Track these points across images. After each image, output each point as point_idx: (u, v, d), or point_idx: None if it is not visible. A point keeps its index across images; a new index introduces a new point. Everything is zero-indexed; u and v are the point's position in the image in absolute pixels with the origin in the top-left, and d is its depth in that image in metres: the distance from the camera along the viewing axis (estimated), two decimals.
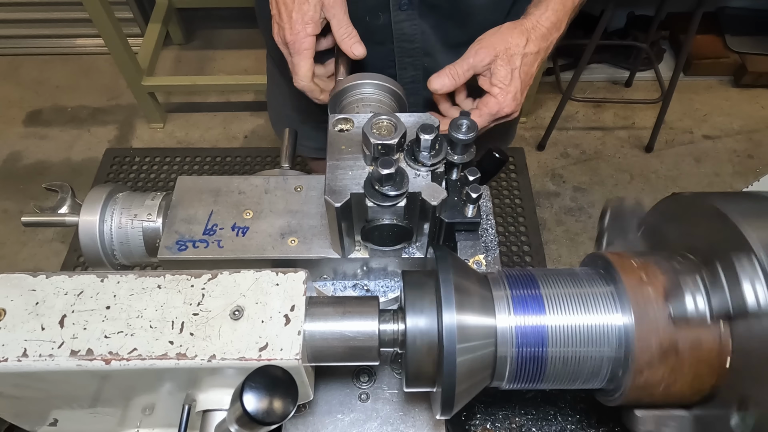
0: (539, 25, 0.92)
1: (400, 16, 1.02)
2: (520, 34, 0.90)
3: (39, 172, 2.84)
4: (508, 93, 0.89)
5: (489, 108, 0.90)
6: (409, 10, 1.01)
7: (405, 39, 1.06)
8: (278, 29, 0.89)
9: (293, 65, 0.90)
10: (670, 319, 0.53)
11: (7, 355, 0.53)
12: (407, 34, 1.05)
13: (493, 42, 0.90)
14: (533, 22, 0.92)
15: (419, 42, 1.06)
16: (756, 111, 3.12)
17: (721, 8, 3.24)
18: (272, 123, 1.53)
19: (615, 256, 0.59)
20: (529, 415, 0.79)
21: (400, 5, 1.00)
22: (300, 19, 0.85)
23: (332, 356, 0.58)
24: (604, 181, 2.84)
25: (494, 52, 0.89)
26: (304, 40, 0.86)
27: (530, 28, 0.91)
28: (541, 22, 0.92)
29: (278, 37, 0.90)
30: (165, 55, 3.32)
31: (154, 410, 0.65)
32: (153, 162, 2.82)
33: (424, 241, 0.71)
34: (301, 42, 0.86)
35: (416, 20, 1.03)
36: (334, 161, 0.65)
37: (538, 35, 0.92)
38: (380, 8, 1.01)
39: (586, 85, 3.20)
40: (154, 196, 0.74)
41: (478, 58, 0.89)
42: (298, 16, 0.85)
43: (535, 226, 2.61)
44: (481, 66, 0.90)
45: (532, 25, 0.92)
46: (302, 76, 0.89)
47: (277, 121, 1.49)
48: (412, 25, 1.04)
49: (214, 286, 0.58)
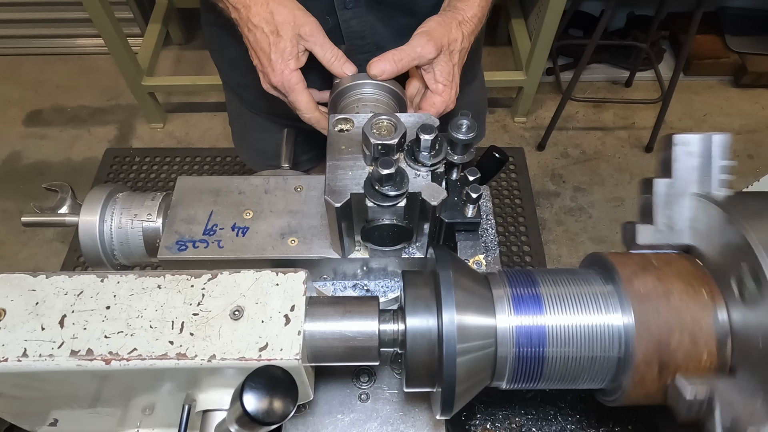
0: (469, 20, 0.93)
1: (346, 15, 1.01)
2: (456, 28, 0.90)
3: (39, 172, 2.84)
4: (452, 90, 0.90)
5: (436, 107, 0.89)
6: (355, 8, 1.01)
7: (355, 37, 1.05)
8: (264, 77, 0.88)
9: (292, 103, 0.89)
10: (670, 316, 0.53)
11: (7, 355, 0.53)
12: (357, 31, 1.04)
13: (439, 36, 0.88)
14: (463, 16, 0.92)
15: (370, 37, 1.05)
16: (756, 111, 3.12)
17: (721, 8, 3.24)
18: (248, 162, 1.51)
19: (615, 256, 0.59)
20: (529, 415, 0.79)
21: (345, 4, 1.00)
22: (279, 58, 0.84)
23: (332, 356, 0.58)
24: (604, 181, 2.84)
25: (440, 45, 0.88)
26: (290, 76, 0.85)
27: (462, 23, 0.92)
28: (470, 17, 0.93)
29: (266, 84, 0.89)
30: (165, 55, 3.32)
31: (154, 410, 0.65)
32: (153, 162, 2.82)
33: (424, 241, 0.71)
34: (288, 79, 0.85)
35: (364, 16, 1.02)
36: (334, 161, 0.65)
37: (468, 31, 0.92)
38: (327, 12, 1.00)
39: (586, 85, 3.20)
40: (154, 197, 0.74)
41: (426, 49, 0.86)
42: (277, 56, 0.84)
43: (535, 226, 2.61)
44: (426, 58, 0.87)
45: (463, 19, 0.92)
46: (305, 108, 0.88)
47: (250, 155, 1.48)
48: (361, 22, 1.03)
49: (214, 286, 0.58)
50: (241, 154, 1.51)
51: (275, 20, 0.84)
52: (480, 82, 1.42)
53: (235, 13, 0.88)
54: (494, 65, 3.22)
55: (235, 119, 1.43)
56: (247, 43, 0.89)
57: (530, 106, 2.99)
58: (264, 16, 0.84)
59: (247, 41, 0.88)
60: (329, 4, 1.00)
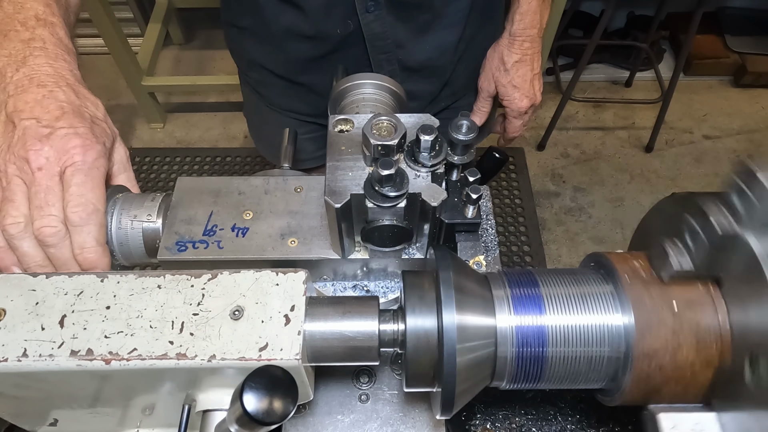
0: (518, 30, 1.08)
1: (368, 18, 1.02)
2: (507, 47, 1.10)
3: None
4: (520, 90, 1.13)
5: (516, 129, 1.20)
6: (377, 11, 1.02)
7: (377, 38, 1.06)
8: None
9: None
10: (670, 314, 0.53)
11: (7, 355, 0.53)
12: (378, 33, 1.05)
13: (486, 71, 1.16)
14: (511, 28, 1.09)
15: (391, 37, 1.07)
16: (756, 111, 3.13)
17: (721, 8, 3.24)
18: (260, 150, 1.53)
19: (615, 255, 0.60)
20: (529, 415, 0.79)
21: (367, 8, 1.00)
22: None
23: (332, 356, 0.58)
24: (604, 181, 2.84)
25: (490, 74, 1.15)
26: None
27: (512, 36, 1.09)
28: (522, 29, 1.08)
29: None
30: (165, 55, 3.32)
31: (154, 410, 0.65)
32: (153, 162, 2.82)
33: (424, 241, 0.71)
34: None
35: (385, 18, 1.03)
36: (334, 162, 0.65)
37: (528, 40, 1.09)
38: (348, 17, 1.01)
39: (586, 85, 3.20)
40: (153, 197, 0.74)
41: (484, 87, 1.17)
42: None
43: (535, 226, 2.61)
44: (491, 90, 1.16)
45: (512, 30, 1.09)
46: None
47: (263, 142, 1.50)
48: (382, 24, 1.04)
49: (214, 286, 0.58)
50: (257, 146, 1.52)
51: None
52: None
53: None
54: None
55: (252, 113, 1.44)
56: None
57: None
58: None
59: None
60: (350, 9, 1.00)
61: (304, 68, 1.14)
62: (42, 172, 0.59)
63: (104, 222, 0.64)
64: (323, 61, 1.11)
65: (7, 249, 0.61)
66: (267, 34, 1.10)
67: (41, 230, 0.59)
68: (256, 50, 1.17)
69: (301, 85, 1.19)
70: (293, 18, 1.04)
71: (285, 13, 1.04)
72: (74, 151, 0.61)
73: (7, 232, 0.59)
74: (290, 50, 1.11)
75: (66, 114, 0.63)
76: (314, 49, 1.09)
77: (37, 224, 0.59)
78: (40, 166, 0.59)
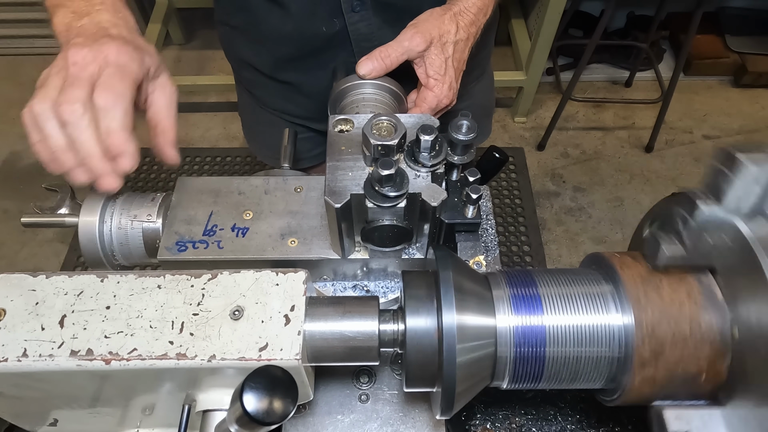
0: (466, 10, 0.91)
1: (354, 18, 1.01)
2: (450, 20, 0.89)
3: (39, 172, 2.80)
4: (444, 84, 0.88)
5: (428, 102, 0.88)
6: (362, 11, 1.01)
7: (363, 39, 1.05)
8: None
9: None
10: (670, 314, 0.53)
11: (7, 355, 0.53)
12: (364, 34, 1.04)
13: (428, 27, 0.87)
14: (460, 7, 0.91)
15: (377, 39, 1.05)
16: (756, 111, 3.12)
17: (721, 8, 3.24)
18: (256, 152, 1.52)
19: (615, 256, 0.60)
20: (529, 415, 0.79)
21: (353, 7, 1.00)
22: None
23: (332, 356, 0.58)
24: (604, 181, 2.84)
25: (429, 38, 0.86)
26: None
27: (458, 14, 0.90)
28: (467, 7, 0.91)
29: None
30: (165, 55, 3.32)
31: (154, 410, 0.65)
32: (153, 162, 2.81)
33: (424, 241, 0.71)
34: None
35: (371, 19, 1.02)
36: (334, 162, 0.65)
37: (466, 21, 0.91)
38: (334, 15, 1.01)
39: (586, 85, 3.20)
40: (153, 197, 0.74)
41: (414, 42, 0.86)
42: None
43: (535, 226, 2.61)
44: (415, 51, 0.86)
45: (459, 10, 0.90)
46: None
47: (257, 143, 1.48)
48: (368, 25, 1.03)
49: (214, 286, 0.58)
50: (250, 145, 1.52)
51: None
52: (489, 79, 1.42)
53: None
54: (494, 65, 3.20)
55: (246, 113, 1.44)
56: None
57: (530, 106, 2.99)
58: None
59: None
60: (336, 7, 1.00)
61: (290, 67, 1.14)
62: (76, 66, 0.65)
63: (130, 110, 0.67)
64: (310, 61, 1.11)
65: (42, 141, 0.66)
66: (256, 33, 1.10)
67: (60, 107, 0.63)
68: (246, 49, 1.17)
69: (288, 84, 1.18)
70: (279, 16, 1.03)
71: (272, 11, 1.03)
72: (109, 51, 0.66)
73: (33, 111, 0.64)
74: (276, 49, 1.11)
75: (111, 36, 0.69)
76: (299, 49, 1.09)
77: (58, 101, 0.63)
78: (75, 62, 0.65)
